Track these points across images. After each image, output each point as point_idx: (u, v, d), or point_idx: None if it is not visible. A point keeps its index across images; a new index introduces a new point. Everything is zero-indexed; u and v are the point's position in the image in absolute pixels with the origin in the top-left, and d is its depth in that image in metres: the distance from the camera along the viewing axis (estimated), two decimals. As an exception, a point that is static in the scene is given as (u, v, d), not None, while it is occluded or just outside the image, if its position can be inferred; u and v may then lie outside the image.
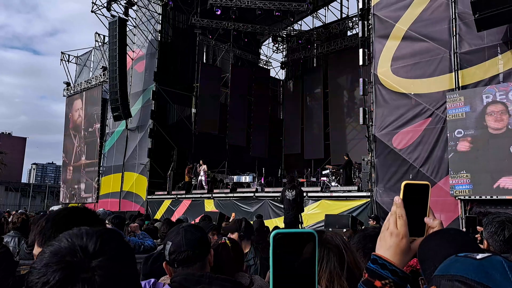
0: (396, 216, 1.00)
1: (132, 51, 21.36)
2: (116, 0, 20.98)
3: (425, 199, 1.03)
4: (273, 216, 13.64)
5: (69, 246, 0.75)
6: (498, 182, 9.13)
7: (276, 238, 0.71)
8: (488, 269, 0.73)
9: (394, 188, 11.10)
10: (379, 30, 12.02)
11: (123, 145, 21.21)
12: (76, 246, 0.75)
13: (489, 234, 2.53)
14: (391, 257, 0.97)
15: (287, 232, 0.72)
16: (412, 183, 1.03)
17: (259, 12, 19.65)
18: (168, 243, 1.69)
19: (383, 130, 11.58)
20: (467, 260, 0.77)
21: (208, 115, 21.26)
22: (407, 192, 1.03)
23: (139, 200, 19.45)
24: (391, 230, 1.00)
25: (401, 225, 0.99)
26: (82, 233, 0.79)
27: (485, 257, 0.76)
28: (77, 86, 26.48)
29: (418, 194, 1.03)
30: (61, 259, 0.73)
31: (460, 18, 10.34)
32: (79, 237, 0.78)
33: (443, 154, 10.31)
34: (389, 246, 0.98)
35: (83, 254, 0.75)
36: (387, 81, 11.69)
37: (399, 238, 0.98)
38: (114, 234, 0.83)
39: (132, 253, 0.84)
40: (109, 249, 0.77)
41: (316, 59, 24.91)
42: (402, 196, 1.02)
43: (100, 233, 0.80)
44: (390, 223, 1.01)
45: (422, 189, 1.04)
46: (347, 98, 21.54)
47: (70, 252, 0.74)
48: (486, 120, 9.49)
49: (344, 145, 19.93)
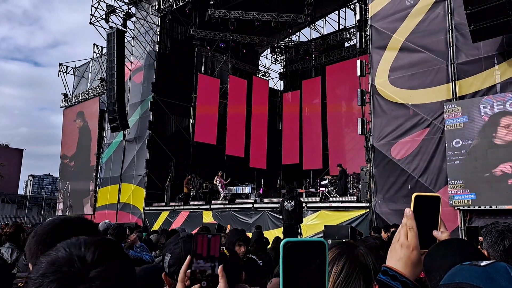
0: (407, 228, 1.01)
1: (130, 62, 21.45)
2: (115, 12, 21.14)
3: (436, 211, 1.06)
4: (272, 227, 13.56)
5: (67, 256, 0.73)
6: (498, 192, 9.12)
7: (287, 246, 0.71)
8: (493, 274, 0.74)
9: (393, 198, 11.06)
10: (377, 41, 12.10)
11: (120, 156, 21.15)
12: (74, 256, 0.73)
13: (489, 244, 2.51)
14: (401, 269, 0.97)
15: (297, 241, 0.73)
16: (423, 195, 1.04)
17: (257, 23, 19.80)
18: (167, 255, 1.65)
19: (381, 140, 11.59)
20: (472, 268, 0.78)
21: (206, 126, 21.26)
22: (418, 203, 1.04)
23: (136, 212, 19.32)
24: (402, 242, 1.01)
25: (412, 237, 1.00)
26: (80, 243, 0.77)
27: (489, 263, 0.78)
28: (74, 97, 26.51)
29: (429, 206, 1.05)
30: (58, 269, 0.71)
31: (457, 29, 10.43)
32: (77, 247, 0.75)
33: (442, 164, 10.30)
34: (400, 258, 0.99)
35: (81, 264, 0.72)
36: (385, 91, 11.73)
37: (409, 249, 0.99)
38: (113, 244, 0.81)
39: (132, 264, 0.81)
40: (107, 260, 0.75)
41: (314, 70, 25.05)
42: (413, 208, 1.03)
43: (98, 243, 0.78)
44: (401, 234, 1.02)
45: (433, 201, 1.06)
46: (345, 109, 21.60)
47: (67, 262, 0.72)
48: (485, 130, 9.50)
49: (343, 156, 19.92)
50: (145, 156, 19.43)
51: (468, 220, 9.62)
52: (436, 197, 1.07)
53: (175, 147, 20.32)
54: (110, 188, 21.55)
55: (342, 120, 21.76)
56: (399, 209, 10.72)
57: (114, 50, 19.01)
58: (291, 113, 25.13)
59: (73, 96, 26.73)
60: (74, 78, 27.42)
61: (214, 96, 22.19)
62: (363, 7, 13.03)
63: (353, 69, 13.42)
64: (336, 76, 22.05)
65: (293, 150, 24.03)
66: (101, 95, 23.67)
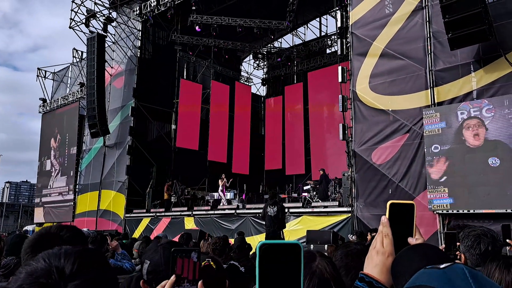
0: (383, 235, 1.04)
1: (110, 67, 21.18)
2: (95, 17, 20.88)
3: (410, 218, 1.07)
4: (254, 233, 13.52)
5: (45, 267, 0.72)
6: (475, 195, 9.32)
7: (262, 249, 0.73)
8: (451, 276, 0.77)
9: (374, 203, 11.18)
10: (357, 48, 12.27)
11: (100, 163, 20.79)
12: (53, 267, 0.72)
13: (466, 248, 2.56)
14: (377, 275, 1.00)
15: (273, 243, 0.74)
16: (397, 203, 1.06)
17: (239, 29, 19.85)
18: (146, 262, 1.61)
19: (362, 146, 11.72)
20: (432, 271, 0.81)
21: (188, 131, 21.12)
22: (393, 211, 1.06)
23: (116, 219, 19.00)
24: (378, 249, 1.03)
25: (387, 243, 1.03)
26: (60, 254, 0.75)
27: (448, 266, 0.81)
28: (53, 102, 26.00)
29: (404, 213, 1.07)
30: (35, 281, 0.69)
31: (435, 37, 10.67)
32: (57, 258, 0.74)
33: (421, 169, 10.47)
34: (376, 264, 1.01)
35: (59, 276, 0.71)
36: (366, 97, 11.89)
37: (385, 256, 1.02)
38: (95, 255, 0.78)
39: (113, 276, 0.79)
40: (87, 272, 0.73)
41: (296, 76, 25.23)
42: (388, 215, 1.06)
43: (79, 253, 0.76)
44: (377, 242, 1.05)
45: (407, 209, 1.07)
46: (327, 114, 21.79)
47: (45, 274, 0.71)
48: (463, 135, 9.72)
49: (325, 161, 20.04)
50: (125, 162, 19.15)
51: (447, 224, 9.79)
52: (411, 204, 1.09)
53: (156, 153, 20.11)
54: (89, 195, 21.14)
55: (324, 126, 21.94)
56: (380, 214, 10.80)
57: (94, 55, 18.75)
58: (274, 119, 25.22)
59: (52, 101, 26.21)
60: (53, 83, 26.90)
61: (196, 101, 22.09)
62: (344, 15, 13.21)
63: (334, 75, 13.57)
64: (318, 82, 22.25)
65: (276, 155, 24.09)
66: (80, 100, 23.28)
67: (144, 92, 20.03)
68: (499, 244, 2.54)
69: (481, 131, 9.47)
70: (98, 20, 21.06)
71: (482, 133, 9.45)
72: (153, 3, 19.33)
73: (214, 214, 15.38)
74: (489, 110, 9.38)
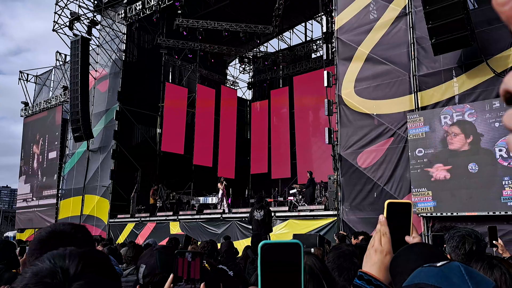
0: (381, 234, 1.07)
1: (95, 71, 20.94)
2: (79, 20, 20.64)
3: (407, 217, 1.10)
4: (241, 237, 13.47)
5: (50, 268, 0.74)
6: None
7: (264, 248, 0.74)
8: (447, 273, 0.80)
9: (360, 207, 11.28)
10: (343, 53, 12.41)
11: (84, 167, 20.50)
12: (57, 268, 0.74)
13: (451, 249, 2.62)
14: (376, 273, 1.03)
15: (274, 243, 0.75)
16: (395, 202, 1.10)
17: (225, 33, 19.88)
18: (142, 266, 1.65)
19: (348, 149, 11.83)
20: (429, 269, 0.84)
21: (173, 135, 21.00)
22: (390, 210, 1.08)
23: (100, 224, 18.72)
24: (376, 247, 1.06)
25: (385, 242, 1.06)
26: (65, 254, 0.76)
27: (445, 263, 0.84)
28: (35, 106, 25.55)
29: (401, 212, 1.09)
30: (39, 280, 0.71)
31: (418, 43, 10.86)
32: (61, 259, 0.75)
33: (405, 172, 10.63)
34: (374, 263, 1.04)
35: (63, 276, 0.73)
36: (351, 101, 12.02)
37: (383, 254, 1.04)
38: (100, 257, 0.80)
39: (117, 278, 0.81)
40: (90, 273, 0.74)
41: (282, 80, 25.37)
42: (386, 214, 1.08)
43: (83, 255, 0.77)
44: (375, 240, 1.07)
45: (404, 208, 1.10)
46: (312, 118, 21.95)
47: (50, 274, 0.73)
48: (446, 139, 9.90)
49: (311, 164, 20.15)
50: (109, 166, 18.91)
51: (431, 227, 9.94)
52: (408, 203, 1.12)
53: (141, 157, 19.91)
54: (72, 200, 20.80)
55: (309, 129, 22.09)
56: (365, 217, 10.94)
57: (78, 58, 18.52)
58: (260, 123, 25.28)
59: (34, 104, 25.75)
60: (36, 86, 26.46)
61: (182, 105, 21.99)
62: (329, 20, 13.37)
63: (320, 80, 13.68)
64: (303, 86, 22.41)
65: (262, 159, 24.12)
66: (64, 104, 22.94)
67: (129, 95, 19.85)
68: (483, 244, 2.61)
69: (463, 136, 9.67)
70: (82, 23, 20.84)
71: (464, 138, 9.65)
72: (139, 7, 19.21)
73: (200, 219, 15.30)
74: (471, 114, 9.58)
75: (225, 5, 20.00)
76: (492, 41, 9.65)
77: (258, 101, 26.36)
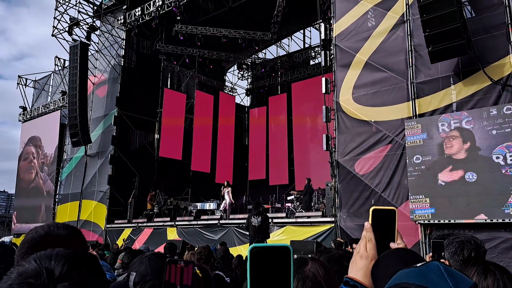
0: (366, 240, 1.10)
1: (93, 76, 20.96)
2: (78, 25, 20.70)
3: (392, 224, 1.12)
4: (238, 243, 13.42)
5: (35, 269, 0.73)
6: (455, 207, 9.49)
7: (253, 252, 0.74)
8: (427, 273, 0.82)
9: (357, 213, 11.25)
10: (341, 60, 12.46)
11: (81, 172, 20.44)
12: (42, 269, 0.73)
13: (450, 255, 2.60)
14: (361, 279, 1.05)
15: (264, 246, 0.76)
16: (379, 209, 1.11)
17: (224, 40, 19.95)
18: (132, 274, 1.62)
19: (345, 156, 11.83)
20: (410, 270, 0.86)
21: (171, 141, 20.98)
22: (376, 217, 1.11)
23: (97, 230, 18.64)
24: (361, 253, 1.08)
25: (370, 248, 1.08)
26: (51, 255, 0.76)
27: (424, 264, 0.86)
28: (34, 110, 25.52)
29: (386, 218, 1.11)
30: (23, 281, 0.71)
31: (416, 50, 10.92)
32: (47, 260, 0.75)
33: (403, 179, 10.62)
34: (360, 268, 1.07)
35: (48, 277, 0.72)
36: (349, 108, 12.04)
37: (368, 260, 1.07)
38: (87, 259, 0.79)
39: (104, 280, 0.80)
40: (76, 274, 0.73)
41: (280, 87, 25.44)
42: (371, 220, 1.10)
43: (70, 256, 0.76)
44: (361, 246, 1.09)
45: (389, 214, 1.12)
46: (310, 125, 21.98)
47: (34, 275, 0.72)
48: (443, 146, 9.91)
49: (308, 171, 20.15)
50: (107, 171, 18.86)
51: (428, 234, 9.91)
52: (392, 210, 1.13)
53: (139, 162, 19.87)
54: (70, 205, 20.72)
55: (307, 136, 22.10)
56: (363, 224, 10.89)
57: (77, 63, 18.53)
58: (258, 129, 25.29)
59: (32, 109, 25.72)
60: (34, 91, 26.45)
61: (180, 111, 22.00)
62: (328, 27, 13.42)
63: (318, 87, 13.71)
64: (301, 93, 22.46)
65: (260, 165, 24.10)
66: (62, 109, 22.91)
67: (128, 101, 19.85)
68: (482, 251, 2.59)
69: (461, 143, 9.68)
70: (82, 29, 20.89)
71: (461, 145, 9.66)
72: (138, 13, 19.28)
73: (197, 225, 15.24)
74: (469, 122, 9.61)
75: (224, 12, 20.09)
76: (489, 49, 9.71)
77: (256, 108, 26.40)
